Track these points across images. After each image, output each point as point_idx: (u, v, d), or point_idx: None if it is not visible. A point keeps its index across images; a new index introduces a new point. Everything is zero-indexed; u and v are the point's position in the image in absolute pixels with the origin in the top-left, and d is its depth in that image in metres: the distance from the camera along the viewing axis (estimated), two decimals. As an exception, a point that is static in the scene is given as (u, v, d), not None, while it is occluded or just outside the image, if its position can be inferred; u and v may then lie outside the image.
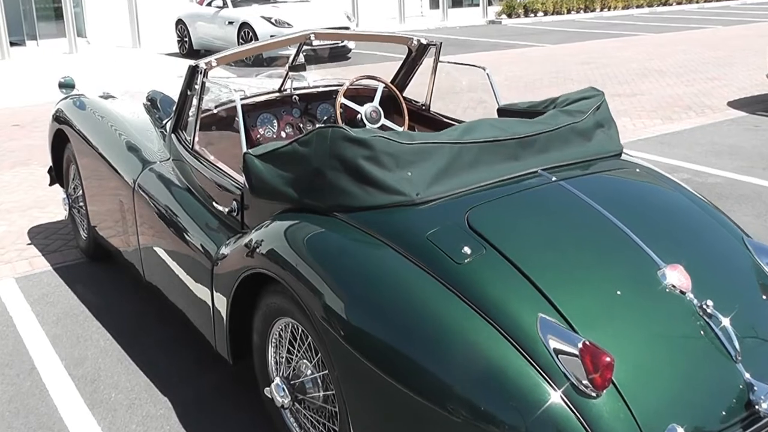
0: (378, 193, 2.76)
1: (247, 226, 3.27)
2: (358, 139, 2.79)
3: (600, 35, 20.15)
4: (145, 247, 4.04)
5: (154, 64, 15.76)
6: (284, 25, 15.37)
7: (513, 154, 3.04)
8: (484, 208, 2.75)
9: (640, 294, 2.53)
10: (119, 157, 4.34)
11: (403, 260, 2.56)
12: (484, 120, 3.18)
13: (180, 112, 3.99)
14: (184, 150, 3.85)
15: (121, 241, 4.39)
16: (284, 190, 2.99)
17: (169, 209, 3.75)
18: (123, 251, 4.40)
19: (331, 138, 2.83)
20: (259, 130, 4.48)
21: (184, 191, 3.78)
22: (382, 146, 2.79)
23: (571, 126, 3.24)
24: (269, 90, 4.63)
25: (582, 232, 2.74)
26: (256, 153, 3.11)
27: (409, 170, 2.80)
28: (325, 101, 4.70)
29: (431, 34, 21.22)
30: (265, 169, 3.06)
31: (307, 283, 2.68)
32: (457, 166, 2.90)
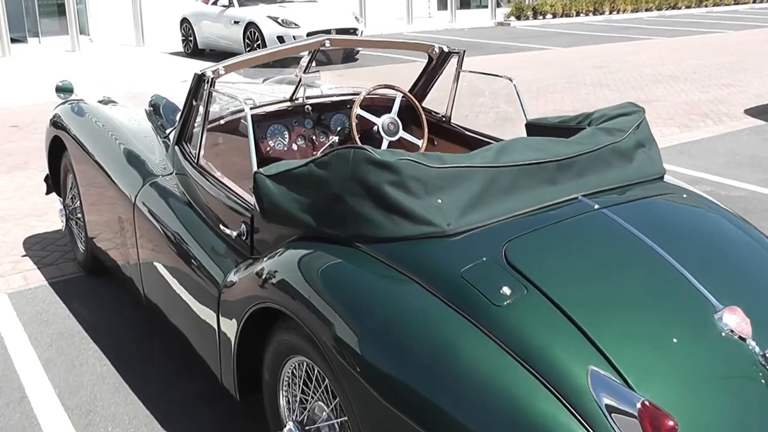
0: (405, 223, 2.49)
1: (258, 251, 3.00)
2: (383, 162, 2.52)
3: (611, 39, 19.86)
4: (145, 267, 3.77)
5: (158, 64, 15.50)
6: (291, 25, 15.10)
7: (551, 178, 2.78)
8: (522, 240, 2.48)
9: (698, 342, 2.26)
10: (119, 169, 4.08)
11: (434, 299, 2.29)
12: (519, 140, 2.91)
13: (184, 123, 3.72)
14: (188, 164, 3.58)
15: (120, 259, 4.13)
16: (299, 216, 2.72)
17: (172, 229, 3.48)
18: (122, 269, 4.13)
19: (352, 160, 2.56)
20: (269, 142, 4.21)
21: (188, 210, 3.51)
22: (410, 170, 2.52)
23: (612, 146, 2.97)
24: (280, 99, 4.37)
25: (631, 268, 2.46)
26: (268, 173, 2.83)
27: (440, 197, 2.54)
28: (340, 111, 4.43)
29: (439, 35, 20.99)
30: (278, 191, 2.79)
31: (325, 321, 2.41)
32: (492, 192, 2.63)
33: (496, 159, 2.70)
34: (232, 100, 3.96)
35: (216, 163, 3.55)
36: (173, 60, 16.39)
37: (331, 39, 3.86)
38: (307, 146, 4.33)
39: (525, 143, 2.86)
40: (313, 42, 3.84)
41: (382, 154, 2.55)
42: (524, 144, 2.85)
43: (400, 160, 2.53)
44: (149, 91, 5.16)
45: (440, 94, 4.57)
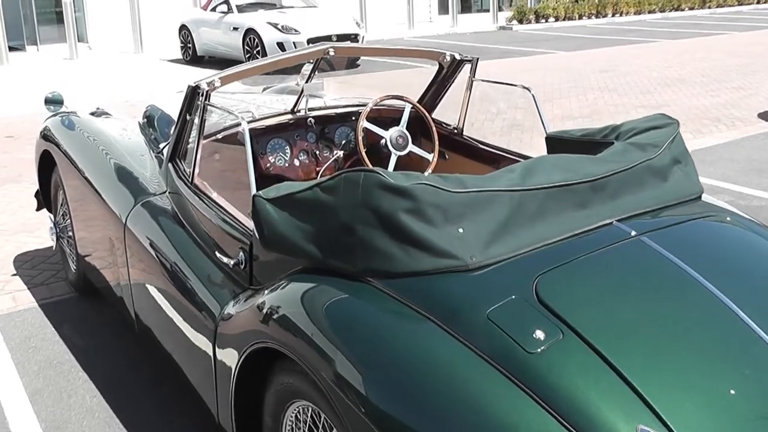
0: (422, 256, 2.23)
1: (258, 281, 2.74)
2: (398, 187, 2.26)
3: (614, 42, 19.61)
4: (137, 292, 3.52)
5: (156, 71, 15.26)
6: (291, 31, 14.86)
7: (582, 201, 2.52)
8: (555, 275, 2.21)
9: (758, 393, 1.99)
10: (109, 186, 3.82)
11: (456, 343, 2.02)
12: (546, 158, 2.65)
13: (178, 138, 3.47)
14: (182, 183, 3.33)
15: (111, 282, 3.87)
16: (303, 246, 2.45)
17: (165, 254, 3.22)
18: (112, 292, 3.87)
19: (363, 185, 2.30)
20: (269, 158, 3.95)
21: (182, 233, 3.25)
22: (428, 196, 2.26)
23: (646, 164, 2.71)
24: (280, 111, 4.11)
25: (677, 306, 2.19)
26: (268, 196, 2.57)
27: (461, 226, 2.28)
28: (344, 124, 4.17)
29: (441, 40, 20.76)
30: (280, 217, 2.53)
31: (332, 365, 2.15)
32: (519, 219, 2.37)
33: (522, 181, 2.44)
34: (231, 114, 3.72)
35: (212, 181, 3.30)
36: (172, 67, 16.15)
37: (335, 47, 3.60)
38: (310, 162, 4.08)
39: (552, 163, 2.61)
40: (315, 51, 3.58)
41: (395, 177, 2.29)
42: (552, 163, 2.59)
43: (416, 185, 2.27)
44: (147, 99, 4.98)
45: (446, 101, 4.33)
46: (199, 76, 3.32)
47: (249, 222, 2.76)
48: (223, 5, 16.42)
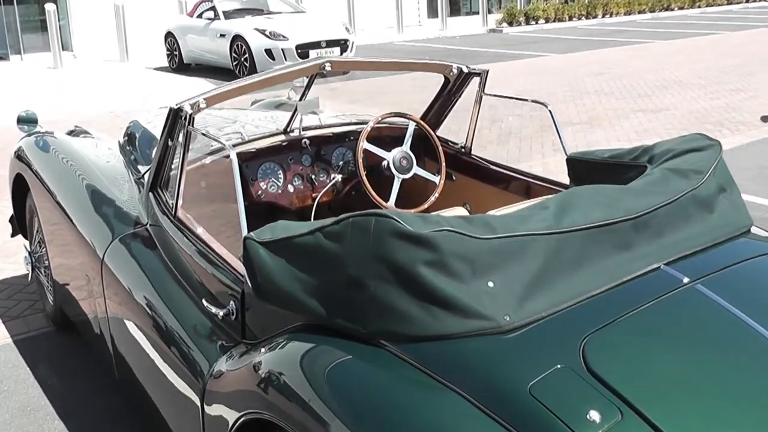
0: (447, 316, 1.90)
1: (251, 333, 2.41)
2: (417, 235, 1.93)
3: (607, 43, 19.35)
4: (117, 337, 3.19)
5: (142, 80, 14.88)
6: (279, 38, 14.52)
7: (625, 242, 2.19)
8: (604, 336, 1.88)
9: None
10: (85, 217, 3.50)
11: (490, 422, 1.69)
12: (580, 191, 2.33)
13: (159, 165, 3.14)
14: (164, 217, 3.00)
15: (88, 323, 3.54)
16: (303, 300, 2.12)
17: (146, 297, 2.89)
18: (91, 333, 3.54)
19: (375, 232, 1.97)
20: (261, 184, 3.62)
21: (165, 274, 2.92)
22: (452, 245, 1.93)
23: (691, 194, 2.38)
24: (272, 131, 3.78)
25: (751, 371, 1.87)
26: (262, 238, 2.24)
27: (491, 279, 1.95)
28: (342, 145, 3.84)
29: (431, 44, 20.47)
30: (275, 264, 2.19)
31: None
32: (557, 267, 2.04)
33: (558, 221, 2.11)
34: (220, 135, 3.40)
35: (198, 214, 2.97)
36: (158, 75, 15.78)
37: (331, 62, 3.28)
38: (305, 187, 3.75)
39: (588, 196, 2.28)
40: (310, 66, 3.26)
41: (412, 222, 1.96)
42: (588, 198, 2.27)
43: (438, 232, 1.94)
44: (131, 110, 4.70)
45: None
46: (185, 85, 2.98)
47: (240, 266, 2.44)
48: (209, 12, 16.07)
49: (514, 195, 3.65)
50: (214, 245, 2.69)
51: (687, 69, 14.04)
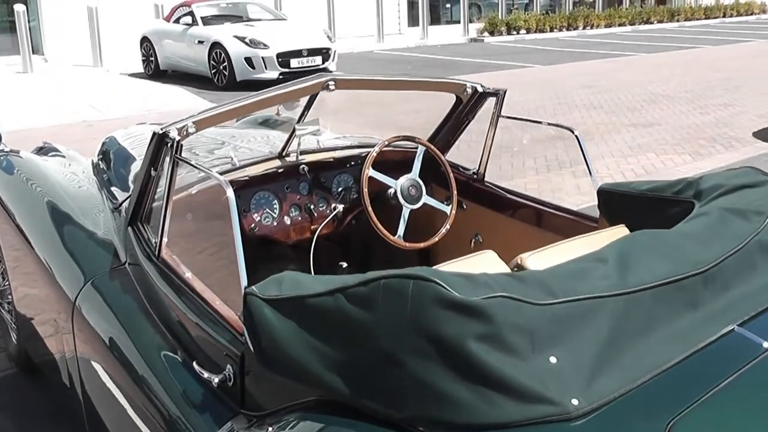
0: (504, 401, 1.55)
1: (252, 403, 2.05)
2: (467, 304, 1.58)
3: (590, 55, 19.17)
4: (90, 392, 2.81)
5: (116, 87, 14.44)
6: (260, 45, 14.15)
7: (694, 300, 1.86)
8: (691, 420, 1.55)
9: None
10: (54, 254, 3.12)
11: None
12: (639, 238, 1.99)
13: (141, 197, 2.78)
14: (145, 258, 2.64)
15: (57, 369, 3.15)
16: (320, 373, 1.76)
17: (125, 355, 2.52)
18: (59, 383, 3.16)
19: (414, 299, 1.61)
20: (254, 216, 3.26)
21: (146, 327, 2.55)
22: (508, 315, 1.59)
23: (755, 239, 2.07)
24: (265, 155, 3.43)
25: None
26: (267, 294, 1.89)
27: (554, 353, 1.60)
28: (343, 171, 3.50)
29: (411, 53, 20.18)
30: (284, 327, 1.83)
31: None
32: (626, 334, 1.70)
33: (623, 278, 1.78)
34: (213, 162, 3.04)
35: (185, 255, 2.60)
36: (133, 82, 15.34)
37: (335, 80, 2.94)
38: (303, 218, 3.40)
39: (648, 244, 1.95)
40: (314, 84, 2.91)
41: (458, 286, 1.61)
42: (649, 247, 1.94)
43: (492, 300, 1.60)
44: (107, 119, 4.33)
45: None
46: (162, 92, 2.62)
47: (239, 322, 2.09)
48: (187, 17, 15.67)
49: (530, 226, 3.33)
50: (206, 295, 2.33)
51: (674, 83, 13.84)
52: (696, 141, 9.20)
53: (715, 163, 8.19)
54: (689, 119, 10.51)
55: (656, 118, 10.63)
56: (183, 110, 11.80)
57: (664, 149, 8.81)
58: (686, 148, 8.84)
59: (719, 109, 11.24)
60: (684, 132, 9.70)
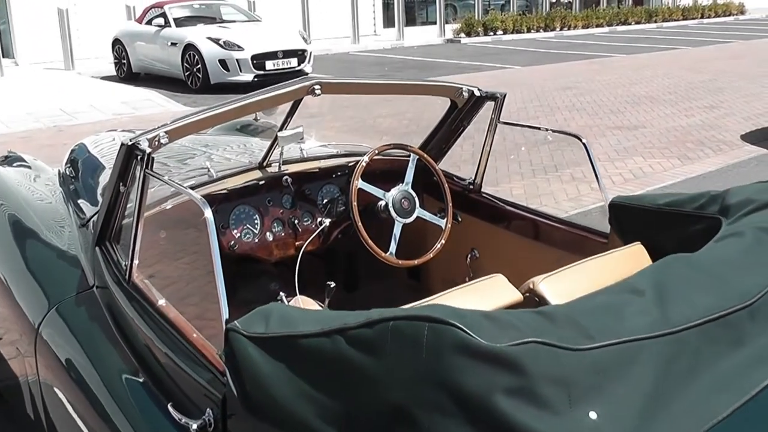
0: None
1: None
2: (494, 353, 1.32)
3: (568, 56, 18.99)
4: (56, 426, 2.53)
5: (88, 91, 14.04)
6: (234, 47, 13.83)
7: (739, 336, 1.60)
8: None
9: None
10: (17, 275, 2.83)
11: None
12: (673, 264, 1.74)
13: (109, 214, 2.50)
14: (114, 283, 2.36)
15: (20, 395, 2.87)
16: (316, 426, 1.50)
17: (94, 392, 2.24)
18: (21, 412, 2.88)
19: (431, 346, 1.35)
20: (234, 232, 2.97)
21: (117, 361, 2.27)
22: (542, 364, 1.33)
23: None
24: (245, 165, 3.15)
25: None
26: (251, 332, 1.62)
27: (593, 408, 1.35)
28: (329, 181, 3.22)
29: (388, 54, 19.96)
30: (272, 370, 1.57)
31: None
32: (672, 381, 1.45)
33: (664, 315, 1.52)
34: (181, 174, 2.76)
35: (159, 279, 2.33)
36: (105, 86, 14.94)
37: (321, 84, 2.68)
38: (286, 234, 3.12)
39: (686, 273, 1.70)
40: (298, 88, 2.64)
41: (485, 331, 1.34)
42: (687, 275, 1.69)
43: (522, 346, 1.34)
44: (79, 123, 4.04)
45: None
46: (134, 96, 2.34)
47: (219, 360, 1.82)
48: (159, 18, 15.30)
49: (531, 241, 3.08)
50: (183, 326, 2.06)
51: (656, 84, 13.67)
52: (683, 144, 9.00)
53: (705, 167, 8.01)
54: (675, 122, 10.32)
55: (641, 120, 10.43)
56: (156, 114, 11.51)
57: (651, 153, 8.60)
58: (674, 152, 8.64)
59: (704, 111, 11.06)
60: (670, 135, 9.51)
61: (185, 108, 12.18)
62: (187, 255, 2.78)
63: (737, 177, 7.58)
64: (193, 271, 2.73)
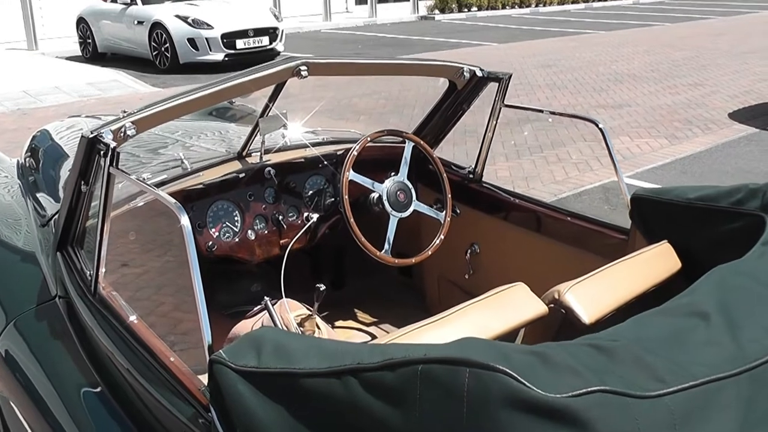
0: None
1: None
2: (553, 407, 1.04)
3: (546, 33, 18.69)
4: None
5: (52, 71, 13.54)
6: (203, 26, 13.38)
7: None
8: None
9: None
10: None
11: None
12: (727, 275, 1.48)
13: (70, 216, 2.19)
14: (77, 296, 2.05)
15: None
16: None
17: (58, 423, 1.94)
18: None
19: (474, 398, 1.07)
20: (212, 232, 2.65)
21: (82, 385, 1.97)
22: (612, 419, 1.06)
23: None
24: (222, 156, 2.83)
25: None
26: (240, 365, 1.35)
27: None
28: (316, 172, 2.91)
29: (361, 32, 19.58)
30: (267, 413, 1.30)
31: None
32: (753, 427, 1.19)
33: (738, 346, 1.24)
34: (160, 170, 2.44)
35: (129, 290, 2.02)
36: (70, 66, 14.42)
37: (308, 64, 2.37)
38: (270, 232, 2.80)
39: (749, 288, 1.44)
40: (282, 70, 2.33)
41: (540, 379, 1.06)
42: (751, 292, 1.42)
43: (586, 396, 1.05)
44: (43, 107, 3.69)
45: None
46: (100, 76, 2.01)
47: (201, 393, 1.53)
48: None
49: (537, 235, 2.81)
50: (158, 349, 1.75)
51: (638, 62, 13.41)
52: (670, 123, 8.77)
53: (695, 146, 7.78)
54: (660, 100, 10.07)
55: (625, 99, 10.18)
56: (124, 96, 11.10)
57: (638, 132, 8.35)
58: (661, 131, 8.39)
59: (689, 89, 10.83)
60: (656, 114, 9.26)
61: (154, 89, 11.77)
62: (160, 261, 2.47)
63: (729, 157, 7.36)
64: (168, 277, 2.42)
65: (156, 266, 2.50)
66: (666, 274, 2.06)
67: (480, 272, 3.06)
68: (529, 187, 6.62)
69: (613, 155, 2.54)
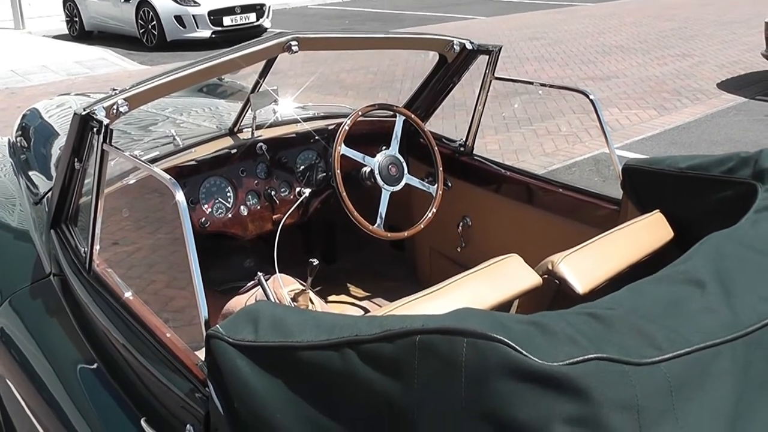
0: None
1: None
2: (550, 375, 1.05)
3: (533, 6, 18.64)
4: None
5: (39, 50, 13.44)
6: (190, 3, 13.29)
7: None
8: None
9: None
10: None
11: None
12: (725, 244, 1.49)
13: (64, 193, 2.19)
14: (72, 273, 2.06)
15: None
16: None
17: (55, 401, 1.96)
18: None
19: (472, 367, 1.08)
20: (204, 208, 2.66)
21: (78, 363, 1.99)
22: (609, 386, 1.06)
23: None
24: (213, 132, 2.83)
25: None
26: (237, 338, 1.35)
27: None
28: (307, 147, 2.92)
29: (344, 7, 19.47)
30: (265, 387, 1.31)
31: None
32: (750, 396, 1.20)
33: (733, 313, 1.26)
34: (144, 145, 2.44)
35: (124, 266, 2.04)
36: (57, 45, 14.32)
37: (299, 38, 2.37)
38: (262, 207, 2.82)
39: (744, 256, 1.45)
40: (273, 45, 2.34)
41: (538, 348, 1.08)
42: (746, 259, 1.44)
43: (583, 364, 1.08)
44: (32, 86, 3.66)
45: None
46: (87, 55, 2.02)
47: (199, 369, 1.55)
48: (111, -27, 14.68)
49: (529, 206, 2.82)
50: (155, 325, 1.77)
51: (625, 33, 13.40)
52: (659, 94, 8.78)
53: (684, 117, 7.80)
54: (648, 71, 10.08)
55: (613, 70, 10.19)
56: (112, 74, 11.04)
57: (627, 104, 8.37)
58: (650, 102, 8.41)
59: (677, 59, 10.84)
60: (645, 85, 9.27)
61: (142, 67, 11.71)
62: (155, 237, 2.48)
63: (718, 127, 7.39)
64: (163, 253, 2.43)
65: (149, 243, 2.51)
66: (658, 244, 2.08)
67: (472, 245, 3.08)
68: (519, 159, 6.64)
69: (605, 126, 2.56)
